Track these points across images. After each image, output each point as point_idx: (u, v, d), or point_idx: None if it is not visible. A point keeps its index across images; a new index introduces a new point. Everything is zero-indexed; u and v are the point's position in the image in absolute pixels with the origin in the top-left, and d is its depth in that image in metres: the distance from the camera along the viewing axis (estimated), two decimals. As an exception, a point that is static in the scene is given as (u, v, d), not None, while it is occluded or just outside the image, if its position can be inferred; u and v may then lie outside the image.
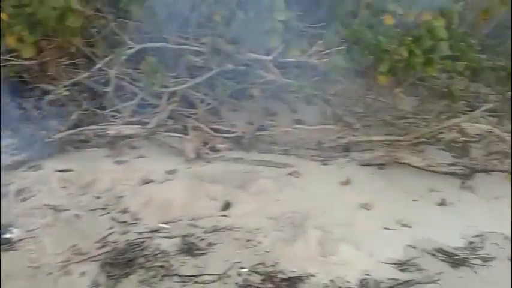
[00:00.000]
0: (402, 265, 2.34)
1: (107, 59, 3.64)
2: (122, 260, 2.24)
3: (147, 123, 3.59)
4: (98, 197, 2.77)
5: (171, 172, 3.14)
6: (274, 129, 3.89)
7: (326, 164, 3.49)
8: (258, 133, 3.78)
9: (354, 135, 3.68)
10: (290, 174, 3.27)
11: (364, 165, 3.45)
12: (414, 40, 3.11)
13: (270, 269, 2.28)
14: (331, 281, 2.21)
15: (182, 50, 3.81)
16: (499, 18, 4.09)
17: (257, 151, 3.63)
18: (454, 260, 2.40)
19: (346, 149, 3.68)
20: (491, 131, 3.30)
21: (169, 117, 3.72)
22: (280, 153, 3.61)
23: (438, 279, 2.24)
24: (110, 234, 2.46)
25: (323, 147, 3.70)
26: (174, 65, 3.94)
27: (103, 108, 3.66)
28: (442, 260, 2.40)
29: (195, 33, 3.83)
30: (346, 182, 3.19)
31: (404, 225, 2.71)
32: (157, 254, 2.31)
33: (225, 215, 2.75)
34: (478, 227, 2.73)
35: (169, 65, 3.96)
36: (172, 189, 2.92)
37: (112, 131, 3.40)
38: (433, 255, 2.44)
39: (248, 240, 2.51)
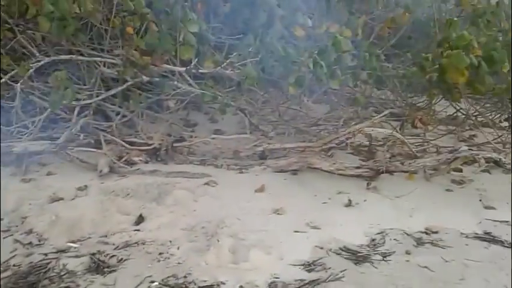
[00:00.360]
0: (309, 266, 2.44)
1: (12, 72, 3.50)
2: (23, 284, 2.15)
3: (57, 138, 3.49)
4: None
5: (81, 188, 3.07)
6: (193, 139, 3.93)
7: (242, 172, 3.57)
8: (176, 144, 3.80)
9: (269, 143, 3.81)
10: (207, 184, 3.31)
11: (278, 172, 3.57)
12: (320, 52, 3.28)
13: (181, 281, 2.29)
14: (241, 287, 2.26)
15: (95, 62, 3.76)
16: (404, 28, 4.43)
17: (174, 162, 3.64)
18: (357, 257, 2.54)
19: (262, 156, 3.80)
20: (391, 135, 3.53)
21: (82, 131, 3.64)
22: (197, 164, 3.65)
23: (342, 277, 2.36)
24: (12, 257, 2.35)
25: (240, 156, 3.79)
26: (87, 77, 3.87)
27: (9, 124, 3.51)
28: (346, 258, 2.53)
29: (108, 45, 3.79)
30: (261, 189, 3.28)
31: (314, 227, 2.83)
32: (63, 275, 2.24)
33: (137, 230, 2.72)
34: (380, 224, 2.90)
35: (82, 77, 3.90)
36: (83, 206, 2.85)
37: (18, 147, 3.27)
38: (338, 254, 2.57)
39: (160, 253, 2.50)
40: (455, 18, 3.68)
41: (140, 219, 2.84)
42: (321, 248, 2.62)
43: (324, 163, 3.55)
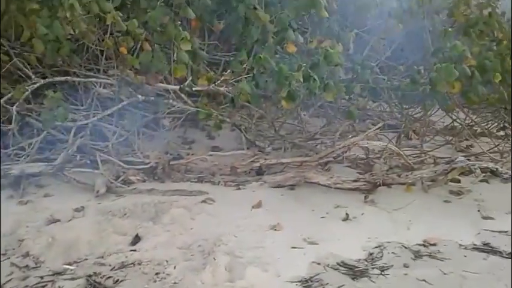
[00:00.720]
0: (306, 282, 2.42)
1: (8, 95, 3.53)
2: (20, 308, 2.14)
3: (54, 159, 3.50)
4: (-3, 242, 2.64)
5: (78, 209, 3.06)
6: (190, 157, 3.94)
7: (240, 189, 3.57)
8: (173, 162, 3.80)
9: (265, 159, 3.81)
10: (204, 201, 3.30)
11: (276, 187, 3.57)
12: (312, 66, 3.30)
13: (177, 300, 2.28)
14: (238, 305, 2.25)
15: (91, 83, 3.79)
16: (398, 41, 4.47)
17: (171, 181, 3.64)
18: (354, 272, 2.52)
19: (259, 172, 3.80)
20: (387, 147, 3.53)
21: (78, 152, 3.65)
22: (195, 181, 3.65)
23: (339, 292, 2.35)
24: (8, 281, 2.34)
25: (237, 172, 3.79)
26: (83, 98, 3.91)
27: (6, 146, 3.53)
28: (344, 273, 2.51)
29: (104, 65, 3.84)
30: (258, 205, 3.27)
31: (311, 243, 2.81)
32: (58, 298, 2.23)
33: (134, 250, 2.71)
34: (377, 238, 2.88)
35: (79, 98, 3.93)
36: (79, 228, 2.84)
37: (15, 170, 3.28)
38: (336, 269, 2.55)
39: (157, 273, 2.49)
40: (449, 29, 3.71)
41: (137, 239, 2.83)
42: (318, 264, 2.60)
43: (321, 177, 3.54)
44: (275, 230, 2.97)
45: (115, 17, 3.28)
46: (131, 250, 2.71)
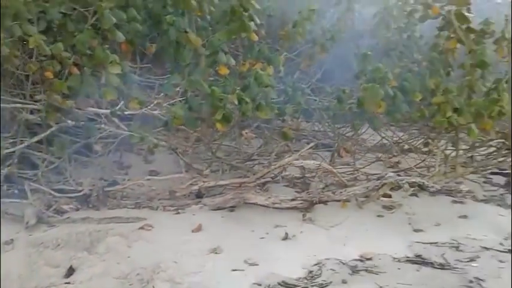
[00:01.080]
0: (248, 304, 2.44)
1: None
2: None
3: (-21, 192, 3.28)
4: None
5: (8, 243, 2.89)
6: (126, 182, 3.83)
7: (179, 213, 3.52)
8: (108, 189, 3.69)
9: (204, 181, 3.79)
10: (141, 228, 3.22)
11: (216, 210, 3.55)
12: (244, 88, 3.36)
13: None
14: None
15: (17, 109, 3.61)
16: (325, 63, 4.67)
17: (107, 208, 3.53)
18: (294, 291, 2.57)
19: (199, 195, 3.77)
20: (321, 166, 3.65)
21: (6, 182, 3.45)
22: (131, 207, 3.56)
23: (280, 312, 2.37)
24: None
25: (176, 196, 3.74)
26: (9, 125, 3.71)
27: None
28: (284, 293, 2.55)
29: (30, 90, 3.68)
30: (198, 229, 3.24)
31: (252, 264, 2.82)
32: None
33: (67, 282, 2.59)
34: (316, 255, 2.95)
35: (5, 125, 3.73)
36: (9, 262, 2.68)
37: None
38: (276, 289, 2.59)
39: (93, 306, 2.40)
40: (369, 52, 3.92)
41: (71, 271, 2.71)
42: (259, 285, 2.62)
43: (260, 198, 3.58)
44: (215, 253, 2.95)
45: (37, 41, 3.17)
46: (65, 283, 2.60)
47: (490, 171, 4.65)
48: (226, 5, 3.79)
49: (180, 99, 3.62)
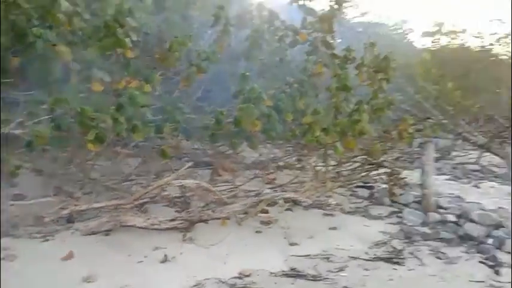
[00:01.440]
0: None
1: None
2: None
3: None
4: None
5: None
6: (-16, 209, 3.44)
7: (47, 240, 3.25)
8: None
9: (76, 205, 3.56)
10: (3, 259, 2.91)
11: (89, 235, 3.35)
12: (118, 108, 3.25)
13: None
14: None
15: None
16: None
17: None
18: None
19: (70, 220, 3.53)
20: (199, 185, 3.66)
21: None
22: (-9, 237, 3.20)
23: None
24: None
25: (43, 221, 3.45)
26: None
27: None
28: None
29: None
30: (69, 256, 3.03)
31: (130, 291, 2.71)
32: None
33: None
34: (196, 276, 2.93)
35: None
36: None
37: None
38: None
39: None
40: (247, 73, 4.07)
41: None
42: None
43: (138, 219, 3.46)
44: (88, 281, 2.78)
45: None
46: None
47: (355, 184, 5.09)
48: (99, 21, 3.64)
49: (47, 117, 3.35)
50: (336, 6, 4.53)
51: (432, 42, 8.56)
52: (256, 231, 3.72)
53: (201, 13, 4.94)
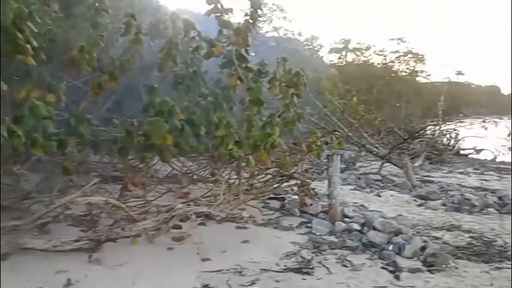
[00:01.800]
0: None
1: None
2: None
3: None
4: None
5: None
6: None
7: None
8: None
9: (-35, 228, 3.22)
10: None
11: (-19, 260, 3.05)
12: (16, 119, 3.01)
13: None
14: None
15: None
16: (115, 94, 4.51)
17: None
18: None
19: (-41, 244, 3.18)
20: (108, 202, 3.49)
21: None
22: None
23: None
24: None
25: None
26: None
27: None
28: None
29: None
30: (-43, 286, 2.73)
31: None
32: None
33: None
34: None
35: None
36: None
37: None
38: None
39: None
40: (156, 85, 3.97)
41: None
42: None
43: (38, 241, 3.22)
44: (-20, 314, 2.52)
45: None
46: None
47: (267, 196, 5.18)
48: (-4, 25, 3.34)
49: None
50: (251, 21, 4.60)
51: (339, 58, 9.05)
52: (168, 248, 3.63)
53: (113, 21, 4.75)
